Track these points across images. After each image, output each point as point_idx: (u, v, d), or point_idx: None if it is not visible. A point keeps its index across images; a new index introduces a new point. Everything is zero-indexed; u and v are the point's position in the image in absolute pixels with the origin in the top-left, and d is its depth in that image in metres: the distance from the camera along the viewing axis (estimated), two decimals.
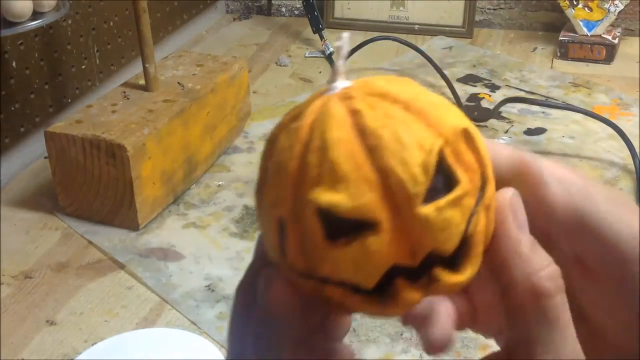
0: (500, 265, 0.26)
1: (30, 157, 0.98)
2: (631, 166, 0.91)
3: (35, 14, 0.79)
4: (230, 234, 0.83)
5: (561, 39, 1.24)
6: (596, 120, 0.98)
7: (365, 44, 1.23)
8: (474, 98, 1.12)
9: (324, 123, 0.25)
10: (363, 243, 0.24)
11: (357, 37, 1.32)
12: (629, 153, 0.91)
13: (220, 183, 0.92)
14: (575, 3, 1.22)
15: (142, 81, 0.90)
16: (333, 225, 0.24)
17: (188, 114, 0.88)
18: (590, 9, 1.22)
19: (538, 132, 1.01)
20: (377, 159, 0.24)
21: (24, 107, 0.94)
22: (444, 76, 1.13)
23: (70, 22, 1.01)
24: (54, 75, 0.99)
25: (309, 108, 0.26)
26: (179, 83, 0.92)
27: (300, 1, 1.35)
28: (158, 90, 0.90)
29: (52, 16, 0.81)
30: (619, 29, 1.26)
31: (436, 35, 1.35)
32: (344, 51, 0.26)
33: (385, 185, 0.24)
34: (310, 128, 0.25)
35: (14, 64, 0.91)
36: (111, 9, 1.09)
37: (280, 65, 1.26)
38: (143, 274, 0.77)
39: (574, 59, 1.23)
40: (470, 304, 0.30)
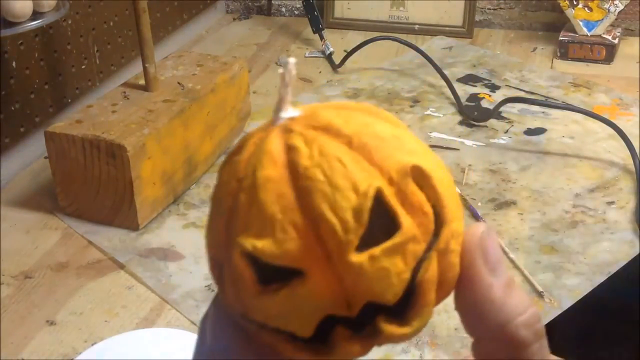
0: (472, 313, 0.24)
1: (30, 157, 0.98)
2: (631, 166, 0.91)
3: (35, 14, 0.79)
4: None
5: (561, 39, 1.24)
6: (596, 120, 0.98)
7: (365, 44, 1.23)
8: (474, 98, 1.12)
9: (258, 159, 0.23)
10: (291, 291, 0.22)
11: (357, 37, 1.32)
12: (629, 153, 0.91)
13: None
14: (575, 3, 1.22)
15: (142, 81, 0.90)
16: (264, 270, 0.22)
17: (188, 114, 0.88)
18: (590, 9, 1.22)
19: (538, 132, 1.01)
20: (307, 202, 0.22)
21: (24, 107, 0.94)
22: (444, 76, 1.13)
23: (70, 22, 1.01)
24: (54, 75, 0.99)
25: (250, 140, 0.24)
26: (179, 83, 0.92)
27: (300, 1, 1.35)
28: (158, 90, 0.90)
29: (52, 16, 0.81)
30: (619, 29, 1.26)
31: (436, 35, 1.35)
32: (287, 78, 0.24)
33: (315, 231, 0.22)
34: (247, 163, 0.23)
35: (14, 64, 0.91)
36: (111, 9, 1.09)
37: (280, 65, 1.26)
38: (143, 274, 0.77)
39: (574, 59, 1.23)
40: None
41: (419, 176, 0.23)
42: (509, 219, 0.83)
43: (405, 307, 0.23)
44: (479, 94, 1.13)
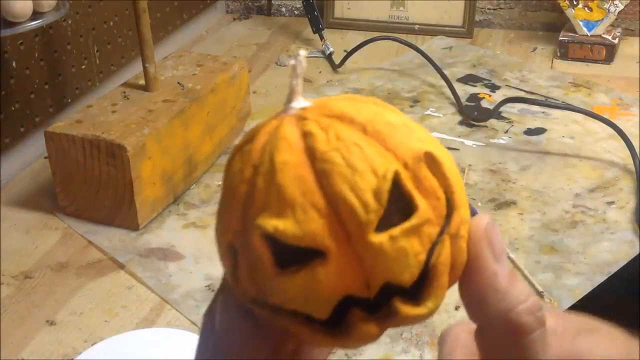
0: (476, 301, 0.24)
1: (30, 157, 0.98)
2: (631, 166, 0.91)
3: (35, 14, 0.79)
4: None
5: (561, 39, 1.24)
6: (596, 120, 0.98)
7: (365, 44, 1.23)
8: (474, 98, 1.12)
9: (274, 146, 0.23)
10: (311, 272, 0.22)
11: (357, 37, 1.32)
12: (629, 153, 0.91)
13: (220, 183, 0.92)
14: (575, 3, 1.22)
15: (142, 81, 0.90)
16: (283, 252, 0.22)
17: (188, 114, 0.88)
18: (590, 9, 1.22)
19: (538, 132, 1.01)
20: (327, 184, 0.22)
21: (24, 107, 0.94)
22: (444, 76, 1.13)
23: (70, 22, 1.01)
24: (54, 75, 0.99)
25: (262, 129, 0.25)
26: (179, 83, 0.92)
27: (300, 1, 1.35)
28: (158, 90, 0.90)
29: (52, 16, 0.81)
30: (619, 29, 1.26)
31: (436, 35, 1.35)
32: (299, 70, 0.25)
33: (336, 212, 0.22)
34: (262, 150, 0.24)
35: (14, 64, 0.91)
36: (111, 9, 1.09)
37: (280, 65, 1.26)
38: (143, 274, 0.77)
39: (574, 59, 1.23)
40: None
41: (431, 162, 0.23)
42: (509, 219, 0.83)
43: (420, 289, 0.23)
44: (479, 94, 1.13)
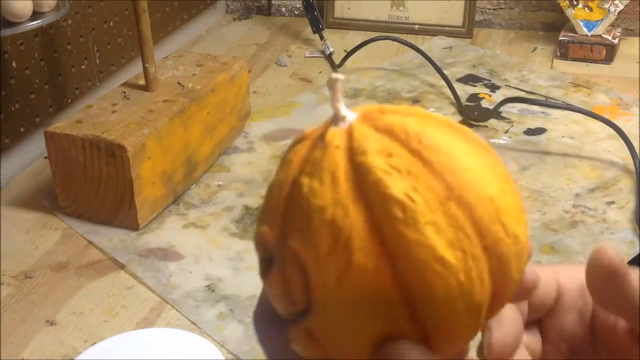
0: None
1: (30, 157, 0.98)
2: (631, 166, 0.91)
3: (35, 14, 0.79)
4: (230, 234, 0.83)
5: (561, 39, 1.24)
6: (596, 120, 0.98)
7: (365, 44, 1.23)
8: (474, 98, 1.12)
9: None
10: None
11: (357, 37, 1.32)
12: (629, 153, 0.91)
13: (220, 183, 0.92)
14: (575, 3, 1.22)
15: (142, 81, 0.90)
16: None
17: (188, 114, 0.88)
18: (590, 9, 1.22)
19: (538, 132, 1.01)
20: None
21: (24, 107, 0.94)
22: (444, 76, 1.13)
23: (70, 22, 1.01)
24: (54, 75, 0.99)
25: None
26: (179, 83, 0.92)
27: (300, 1, 1.35)
28: (158, 90, 0.90)
29: (52, 16, 0.81)
30: (619, 29, 1.26)
31: (436, 35, 1.35)
32: (338, 94, 0.25)
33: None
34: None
35: (14, 64, 0.91)
36: (111, 9, 1.09)
37: (280, 65, 1.26)
38: (143, 274, 0.77)
39: (574, 59, 1.23)
40: (539, 334, 0.31)
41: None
42: None
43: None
44: (479, 94, 1.13)
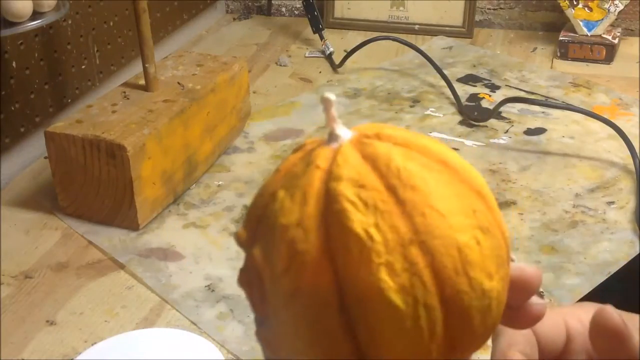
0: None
1: (30, 157, 0.98)
2: (631, 166, 0.91)
3: (35, 14, 0.79)
4: (230, 234, 0.83)
5: (561, 39, 1.24)
6: (596, 120, 0.98)
7: (365, 44, 1.23)
8: (474, 98, 1.12)
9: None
10: None
11: (357, 37, 1.32)
12: (629, 153, 0.91)
13: (220, 183, 0.92)
14: (575, 3, 1.22)
15: (142, 81, 0.90)
16: None
17: (188, 114, 0.88)
18: (590, 9, 1.22)
19: (538, 132, 1.01)
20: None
21: (24, 107, 0.94)
22: (444, 76, 1.13)
23: (70, 22, 1.01)
24: (54, 75, 0.99)
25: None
26: (179, 83, 0.92)
27: (300, 1, 1.35)
28: (158, 90, 0.90)
29: (52, 16, 0.81)
30: (619, 29, 1.26)
31: (436, 35, 1.35)
32: (333, 112, 0.27)
33: None
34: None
35: (14, 64, 0.91)
36: (111, 9, 1.09)
37: (280, 65, 1.26)
38: (143, 274, 0.77)
39: (574, 59, 1.23)
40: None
41: None
42: (509, 219, 0.83)
43: None
44: (479, 94, 1.13)
